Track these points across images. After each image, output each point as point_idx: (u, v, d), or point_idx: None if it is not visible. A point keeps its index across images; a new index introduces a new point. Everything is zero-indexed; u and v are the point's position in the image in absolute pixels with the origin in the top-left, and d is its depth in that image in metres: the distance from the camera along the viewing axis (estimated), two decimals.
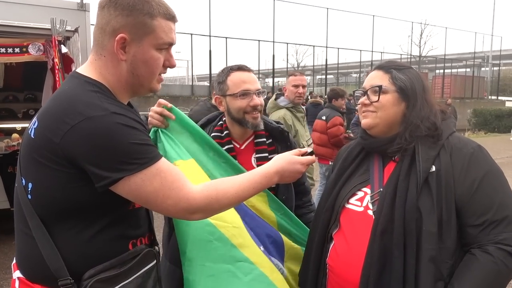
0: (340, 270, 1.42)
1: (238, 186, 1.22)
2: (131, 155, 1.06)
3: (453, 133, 1.42)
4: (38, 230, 1.11)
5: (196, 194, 1.15)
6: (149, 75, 1.20)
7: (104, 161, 1.04)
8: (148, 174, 1.08)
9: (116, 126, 1.05)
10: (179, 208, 1.14)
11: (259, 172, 1.29)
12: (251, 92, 1.78)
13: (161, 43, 1.17)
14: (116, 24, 1.12)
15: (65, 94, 1.12)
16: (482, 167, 1.32)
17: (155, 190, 1.10)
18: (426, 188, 1.30)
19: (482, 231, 1.26)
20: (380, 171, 1.45)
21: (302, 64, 32.17)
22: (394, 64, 1.50)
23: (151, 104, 8.00)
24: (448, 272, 1.26)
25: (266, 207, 1.72)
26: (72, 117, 1.04)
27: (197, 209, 1.16)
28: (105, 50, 1.15)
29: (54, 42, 4.02)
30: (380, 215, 1.33)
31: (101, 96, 1.11)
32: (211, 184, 1.23)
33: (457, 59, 36.27)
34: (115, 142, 1.04)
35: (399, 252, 1.28)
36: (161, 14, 1.16)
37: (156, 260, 1.28)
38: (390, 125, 1.44)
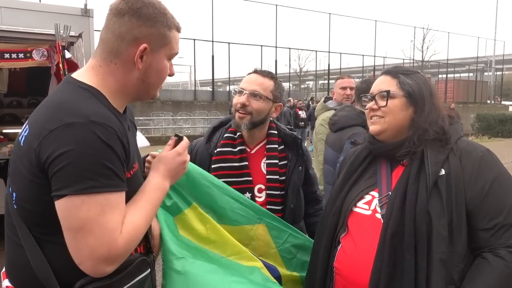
0: (348, 273, 1.41)
1: (145, 214, 1.15)
2: (90, 172, 0.99)
3: (461, 137, 1.42)
4: (27, 239, 1.08)
5: (120, 242, 1.03)
6: (158, 83, 1.23)
7: (63, 172, 0.98)
8: (92, 199, 0.99)
9: (90, 137, 1.00)
10: (95, 254, 1.00)
11: (152, 188, 1.21)
12: (243, 90, 1.80)
13: (173, 54, 1.22)
14: (138, 33, 1.13)
15: (54, 100, 1.10)
16: (492, 170, 1.32)
17: (86, 218, 0.99)
18: (435, 192, 1.30)
19: (493, 235, 1.25)
20: (388, 175, 1.45)
21: (305, 69, 32.28)
22: (401, 69, 1.50)
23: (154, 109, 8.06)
24: (459, 276, 1.25)
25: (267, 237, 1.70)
26: (53, 123, 1.01)
27: (114, 260, 1.04)
28: (118, 58, 1.14)
29: (58, 47, 4.04)
30: (389, 218, 1.32)
31: (90, 102, 1.08)
32: (130, 223, 1.09)
33: (460, 64, 36.24)
34: (82, 154, 0.98)
35: (410, 255, 1.27)
36: (175, 26, 1.21)
37: (151, 268, 1.25)
38: (398, 130, 1.44)
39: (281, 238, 1.72)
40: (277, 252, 1.72)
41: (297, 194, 1.83)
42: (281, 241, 1.72)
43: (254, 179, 1.81)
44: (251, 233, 1.67)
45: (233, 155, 1.82)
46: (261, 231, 1.68)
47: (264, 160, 1.85)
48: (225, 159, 1.81)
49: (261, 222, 1.69)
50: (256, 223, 1.68)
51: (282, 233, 1.72)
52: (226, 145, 1.84)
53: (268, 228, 1.70)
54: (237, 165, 1.80)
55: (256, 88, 1.79)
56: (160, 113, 18.95)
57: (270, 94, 1.81)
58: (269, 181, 1.81)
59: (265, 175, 1.82)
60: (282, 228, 1.73)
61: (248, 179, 1.80)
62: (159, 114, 18.89)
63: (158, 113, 18.81)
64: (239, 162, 1.81)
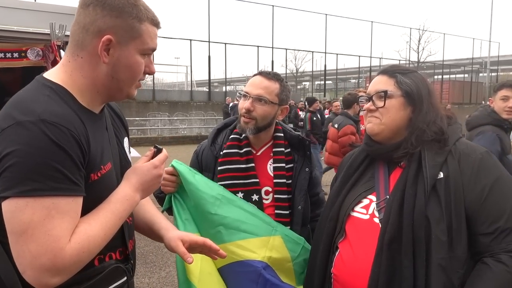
0: (346, 279, 1.38)
1: (105, 224, 1.07)
2: (37, 174, 0.93)
3: (460, 138, 1.39)
4: None
5: (66, 252, 0.96)
6: (130, 80, 1.15)
7: (8, 172, 0.93)
8: (38, 203, 0.93)
9: (40, 137, 0.94)
10: (37, 263, 0.93)
11: (119, 199, 1.13)
12: (247, 94, 1.76)
13: (146, 49, 1.14)
14: (102, 24, 1.06)
15: (14, 98, 1.05)
16: (492, 173, 1.29)
17: (29, 222, 0.92)
18: (434, 195, 1.27)
19: (494, 240, 1.23)
20: (385, 178, 1.42)
21: (301, 70, 32.29)
22: (398, 68, 1.47)
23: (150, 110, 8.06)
24: (459, 282, 1.23)
25: (284, 249, 1.67)
26: (6, 121, 0.97)
27: (61, 270, 0.96)
28: (83, 51, 1.09)
29: (53, 47, 4.00)
30: (387, 223, 1.30)
31: (49, 100, 1.02)
32: (82, 233, 1.01)
33: (455, 65, 36.42)
34: (29, 154, 0.93)
35: (408, 262, 1.24)
36: (149, 19, 1.13)
37: (127, 277, 1.20)
38: (395, 130, 1.41)
39: (295, 251, 1.69)
40: (292, 266, 1.69)
41: (304, 196, 1.81)
42: (295, 254, 1.69)
43: (261, 181, 1.79)
44: (269, 245, 1.64)
45: (240, 156, 1.79)
46: (278, 243, 1.66)
47: (270, 162, 1.83)
48: (231, 161, 1.78)
49: (277, 234, 1.66)
50: (272, 234, 1.65)
51: (296, 246, 1.70)
52: (232, 146, 1.81)
53: (284, 239, 1.67)
54: (243, 166, 1.77)
55: (260, 92, 1.75)
56: (157, 114, 18.90)
57: (275, 98, 1.77)
58: (277, 185, 1.79)
59: (271, 178, 1.80)
60: (295, 240, 1.70)
61: (255, 181, 1.77)
62: (155, 115, 18.84)
63: (154, 114, 18.75)
64: (246, 163, 1.78)
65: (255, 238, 1.63)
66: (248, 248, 1.63)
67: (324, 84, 29.72)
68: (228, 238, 1.62)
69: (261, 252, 1.63)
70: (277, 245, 1.65)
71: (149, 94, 19.71)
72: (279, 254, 1.65)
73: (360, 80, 35.59)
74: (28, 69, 4.54)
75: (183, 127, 19.63)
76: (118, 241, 1.20)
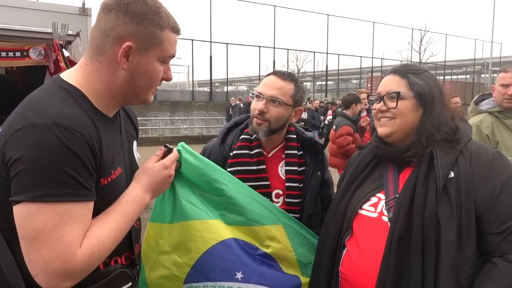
0: (354, 278, 1.37)
1: (116, 228, 1.07)
2: (49, 179, 0.93)
3: (471, 139, 1.38)
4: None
5: (77, 257, 0.97)
6: (147, 87, 1.14)
7: (20, 176, 0.93)
8: (50, 208, 0.93)
9: (52, 141, 0.94)
10: (49, 266, 0.94)
11: (128, 201, 1.13)
12: (261, 95, 1.71)
13: (166, 56, 1.13)
14: (124, 30, 1.05)
15: (29, 99, 1.04)
16: (503, 173, 1.28)
17: (41, 228, 0.93)
18: (444, 195, 1.26)
19: (504, 239, 1.22)
20: (395, 177, 1.41)
21: (303, 70, 32.26)
22: (410, 68, 1.45)
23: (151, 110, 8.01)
24: (468, 281, 1.22)
25: (285, 238, 1.66)
26: (20, 122, 0.96)
27: (69, 276, 0.97)
28: (103, 56, 1.08)
29: (55, 46, 4.00)
30: (396, 222, 1.29)
31: (64, 103, 1.01)
32: (93, 238, 1.02)
33: (457, 66, 36.39)
34: (42, 158, 0.93)
35: (417, 261, 1.23)
36: (170, 26, 1.11)
37: (132, 282, 1.18)
38: (407, 131, 1.40)
39: (297, 240, 1.68)
40: (295, 256, 1.67)
41: (315, 200, 1.78)
42: (297, 244, 1.68)
43: (272, 183, 1.75)
44: (270, 234, 1.63)
45: (250, 158, 1.75)
46: (279, 232, 1.64)
47: (281, 164, 1.79)
48: (242, 162, 1.74)
49: (278, 223, 1.64)
50: (274, 223, 1.64)
51: (298, 236, 1.68)
52: (243, 147, 1.77)
53: (285, 229, 1.65)
54: (254, 168, 1.73)
55: (275, 93, 1.69)
56: (158, 114, 18.89)
57: (290, 100, 1.71)
58: (289, 188, 1.75)
59: (282, 180, 1.76)
60: (297, 230, 1.69)
61: (266, 183, 1.74)
62: (157, 115, 18.83)
63: (155, 114, 18.75)
64: (257, 165, 1.74)
65: (256, 226, 1.63)
66: (249, 235, 1.63)
67: (325, 85, 29.70)
68: (230, 223, 1.63)
69: (261, 240, 1.63)
70: (277, 235, 1.64)
71: None
72: (279, 243, 1.64)
73: (362, 80, 35.56)
74: (30, 68, 4.55)
75: (185, 127, 19.62)
76: (124, 245, 1.18)
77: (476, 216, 1.25)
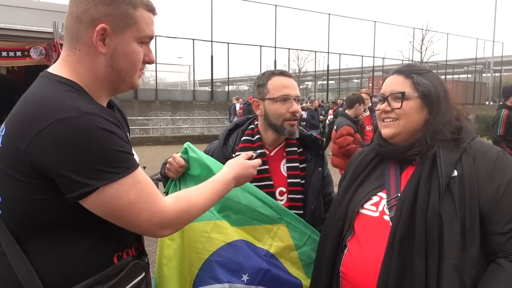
0: (355, 278, 1.36)
1: (205, 196, 1.19)
2: (107, 162, 0.97)
3: (475, 138, 1.36)
4: (11, 248, 1.01)
5: (170, 208, 1.09)
6: (130, 70, 1.12)
7: (77, 169, 0.95)
8: (125, 184, 1.00)
9: (91, 129, 0.96)
10: (152, 223, 1.06)
11: (219, 180, 1.27)
12: (291, 97, 1.74)
13: (143, 36, 1.11)
14: (95, 13, 1.03)
15: (32, 96, 1.03)
16: (508, 172, 1.26)
17: (130, 202, 1.01)
18: (448, 194, 1.24)
19: (509, 240, 1.20)
20: (397, 176, 1.40)
21: (304, 70, 32.24)
22: (414, 68, 1.43)
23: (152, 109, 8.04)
24: (472, 282, 1.20)
25: (288, 238, 1.66)
26: (41, 120, 0.94)
27: (169, 224, 1.10)
28: (80, 43, 1.06)
29: (56, 45, 3.99)
30: (398, 221, 1.27)
31: (73, 96, 1.01)
32: (182, 195, 1.17)
33: (458, 65, 36.28)
34: (90, 147, 0.95)
35: (420, 261, 1.21)
36: (143, 5, 1.09)
37: (145, 272, 1.19)
38: (412, 132, 1.38)
39: (301, 240, 1.68)
40: (297, 255, 1.67)
41: (317, 195, 1.80)
42: (301, 243, 1.68)
43: (275, 182, 1.77)
44: (272, 233, 1.64)
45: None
46: (282, 232, 1.64)
47: (283, 162, 1.81)
48: None
49: (282, 222, 1.65)
50: (277, 223, 1.64)
51: (302, 235, 1.68)
52: (245, 148, 1.79)
53: (289, 228, 1.65)
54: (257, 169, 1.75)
55: (298, 92, 1.80)
56: (159, 113, 18.88)
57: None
58: (291, 185, 1.78)
59: (285, 177, 1.79)
60: (302, 229, 1.68)
61: (269, 183, 1.76)
62: (158, 114, 18.83)
63: (156, 113, 18.74)
64: (259, 166, 1.76)
65: (260, 225, 1.63)
66: (253, 235, 1.64)
67: (327, 84, 29.66)
68: (234, 223, 1.64)
69: (264, 240, 1.64)
70: (280, 234, 1.64)
71: (152, 93, 19.70)
72: (282, 242, 1.65)
73: (363, 80, 35.52)
74: (31, 68, 4.54)
75: (186, 126, 19.61)
76: (133, 236, 1.20)
77: (481, 216, 1.23)
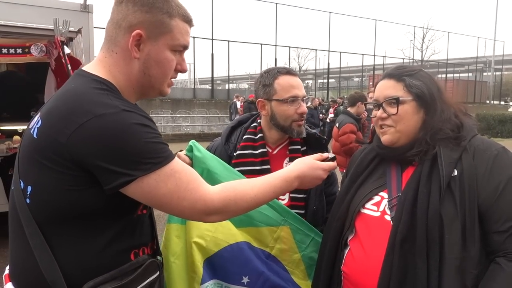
0: (356, 277, 1.35)
1: (257, 189, 1.19)
2: (144, 154, 1.02)
3: (476, 135, 1.35)
4: (35, 237, 1.04)
5: (213, 195, 1.11)
6: (161, 77, 1.17)
7: (116, 161, 0.99)
8: (162, 174, 1.04)
9: (128, 123, 1.01)
10: (195, 210, 1.10)
11: (280, 176, 1.25)
12: (299, 98, 1.72)
13: (177, 45, 1.15)
14: (133, 19, 1.09)
15: (71, 92, 1.07)
16: (507, 169, 1.24)
17: (169, 191, 1.06)
18: (448, 194, 1.23)
19: (508, 238, 1.19)
20: (398, 175, 1.38)
21: (304, 68, 32.20)
22: (404, 70, 1.41)
23: (153, 107, 8.01)
24: (473, 282, 1.19)
25: (291, 240, 1.64)
26: (80, 116, 0.99)
27: (214, 211, 1.12)
28: (117, 47, 1.12)
29: (57, 43, 3.98)
30: (399, 222, 1.27)
31: (110, 94, 1.06)
32: (229, 185, 1.20)
33: (459, 64, 36.24)
34: (128, 140, 1.00)
35: (422, 262, 1.21)
36: (180, 15, 1.14)
37: (159, 271, 1.22)
38: (411, 135, 1.37)
39: (304, 242, 1.66)
40: (301, 258, 1.65)
41: (320, 195, 1.77)
42: (304, 245, 1.66)
43: None
44: (275, 235, 1.62)
45: (254, 157, 1.76)
46: (285, 234, 1.62)
47: (286, 161, 1.79)
48: (246, 162, 1.75)
49: (285, 224, 1.63)
50: (280, 225, 1.62)
51: (305, 237, 1.66)
52: (247, 147, 1.78)
53: (292, 230, 1.63)
54: (258, 168, 1.74)
55: (304, 92, 1.77)
56: (159, 111, 18.88)
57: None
58: None
59: None
60: (305, 231, 1.66)
61: None
62: (158, 112, 18.82)
63: (157, 111, 18.74)
64: (260, 165, 1.75)
65: (263, 227, 1.62)
66: (255, 236, 1.63)
67: (327, 83, 29.63)
68: (238, 224, 1.62)
69: (266, 241, 1.63)
70: (283, 236, 1.63)
71: None
72: (285, 245, 1.63)
73: (364, 78, 35.49)
74: (32, 65, 4.53)
75: (186, 124, 19.60)
76: (148, 236, 1.23)
77: (480, 214, 1.22)
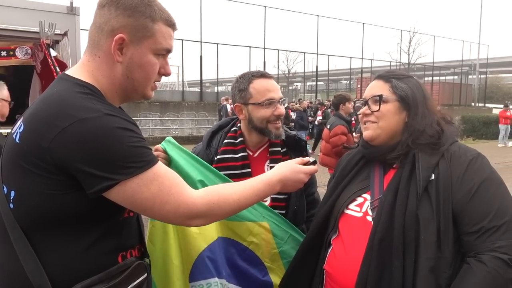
0: (338, 276, 1.39)
1: (240, 192, 1.20)
2: (127, 158, 1.02)
3: (455, 142, 1.40)
4: (19, 242, 1.04)
5: (197, 199, 1.12)
6: (144, 80, 1.17)
7: (98, 165, 0.99)
8: (145, 178, 1.04)
9: (111, 127, 1.01)
10: (178, 214, 1.10)
11: (262, 180, 1.26)
12: (275, 100, 1.74)
13: (160, 48, 1.15)
14: (115, 23, 1.09)
15: (53, 97, 1.07)
16: (480, 173, 1.29)
17: (152, 195, 1.06)
18: (425, 197, 1.28)
19: (477, 239, 1.23)
20: (380, 178, 1.44)
21: (293, 71, 32.38)
22: (394, 73, 1.49)
23: (141, 110, 7.98)
24: (446, 282, 1.23)
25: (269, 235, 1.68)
26: (63, 120, 0.99)
27: (197, 215, 1.12)
28: (100, 51, 1.12)
29: (42, 45, 3.94)
30: (378, 222, 1.31)
31: (93, 98, 1.06)
32: (212, 189, 1.21)
33: (445, 67, 36.82)
34: (110, 144, 1.00)
35: (398, 262, 1.25)
36: (163, 19, 1.14)
37: (147, 273, 1.23)
38: (392, 134, 1.43)
39: (282, 238, 1.70)
40: (278, 253, 1.69)
41: (300, 196, 1.81)
42: (282, 241, 1.70)
43: None
44: (254, 230, 1.65)
45: (235, 161, 1.78)
46: (263, 229, 1.66)
47: (267, 163, 1.82)
48: (227, 167, 1.77)
49: (264, 220, 1.67)
50: (259, 220, 1.66)
51: (283, 233, 1.70)
52: (227, 151, 1.80)
53: (270, 226, 1.67)
54: (239, 172, 1.76)
55: (281, 94, 1.78)
56: (148, 114, 18.76)
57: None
58: None
59: None
60: (283, 228, 1.70)
61: None
62: (147, 115, 18.70)
63: (145, 114, 18.62)
64: (241, 169, 1.77)
65: (242, 222, 1.65)
66: (234, 231, 1.66)
67: (315, 85, 29.82)
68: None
69: (245, 236, 1.66)
70: (262, 232, 1.66)
71: None
72: (263, 240, 1.66)
73: (352, 81, 35.81)
74: (17, 68, 4.47)
75: (175, 127, 19.52)
76: (136, 238, 1.23)
77: (454, 216, 1.26)
